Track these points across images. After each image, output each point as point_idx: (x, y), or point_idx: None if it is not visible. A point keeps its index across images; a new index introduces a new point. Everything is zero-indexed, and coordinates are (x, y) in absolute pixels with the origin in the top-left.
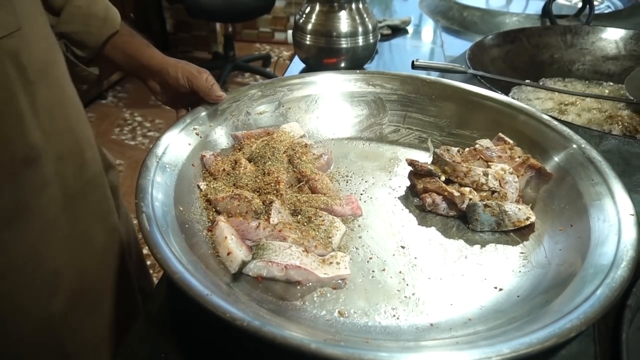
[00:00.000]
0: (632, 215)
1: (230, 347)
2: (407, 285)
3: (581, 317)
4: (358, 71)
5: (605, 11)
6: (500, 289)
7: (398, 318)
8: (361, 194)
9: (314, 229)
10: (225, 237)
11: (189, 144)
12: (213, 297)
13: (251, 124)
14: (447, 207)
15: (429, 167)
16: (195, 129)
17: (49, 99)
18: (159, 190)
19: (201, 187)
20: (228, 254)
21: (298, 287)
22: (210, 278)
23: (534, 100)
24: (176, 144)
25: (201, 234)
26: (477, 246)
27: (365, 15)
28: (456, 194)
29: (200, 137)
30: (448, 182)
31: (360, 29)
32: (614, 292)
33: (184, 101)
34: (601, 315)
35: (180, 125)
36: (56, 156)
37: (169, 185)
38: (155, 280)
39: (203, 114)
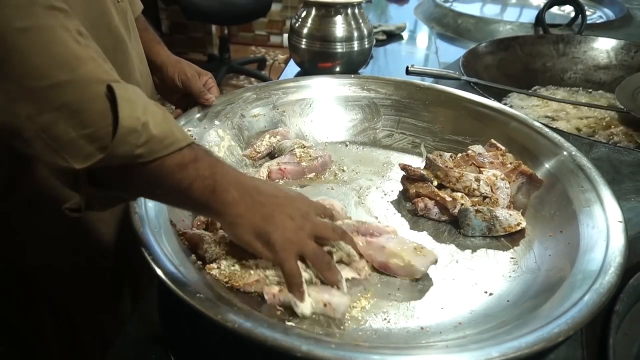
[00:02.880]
0: (621, 222)
1: (222, 349)
2: (398, 289)
3: (569, 322)
4: (353, 76)
5: (597, 21)
6: (491, 294)
7: (389, 322)
8: (354, 198)
9: None
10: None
11: None
12: (204, 298)
13: (245, 127)
14: (439, 211)
15: (422, 172)
16: (189, 130)
17: (139, 47)
18: None
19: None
20: (325, 305)
21: None
22: (202, 280)
23: (526, 108)
24: None
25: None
26: (468, 251)
27: (360, 21)
28: (448, 199)
29: (195, 139)
30: (440, 187)
31: (355, 34)
32: (602, 297)
33: (182, 99)
34: (589, 321)
35: None
36: (144, 93)
37: None
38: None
39: (197, 115)
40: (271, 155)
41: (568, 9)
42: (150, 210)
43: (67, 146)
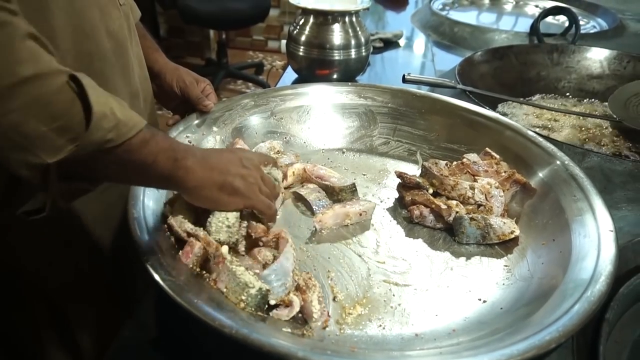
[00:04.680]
0: (612, 231)
1: (220, 354)
2: (394, 295)
3: (561, 330)
4: (350, 83)
5: (591, 31)
6: (484, 301)
7: (384, 328)
8: None
9: None
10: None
11: None
12: (202, 304)
13: (242, 133)
14: (434, 219)
15: (418, 179)
16: (187, 136)
17: (139, 52)
18: (150, 197)
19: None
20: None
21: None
22: (199, 285)
23: (521, 116)
24: None
25: None
26: (463, 258)
27: (358, 29)
28: (443, 206)
29: (193, 145)
30: (436, 194)
31: (353, 42)
32: (593, 306)
33: (180, 106)
34: (580, 328)
35: (173, 133)
36: (143, 97)
37: (161, 192)
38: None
39: (195, 122)
40: None
41: (562, 19)
42: (148, 217)
43: (38, 141)
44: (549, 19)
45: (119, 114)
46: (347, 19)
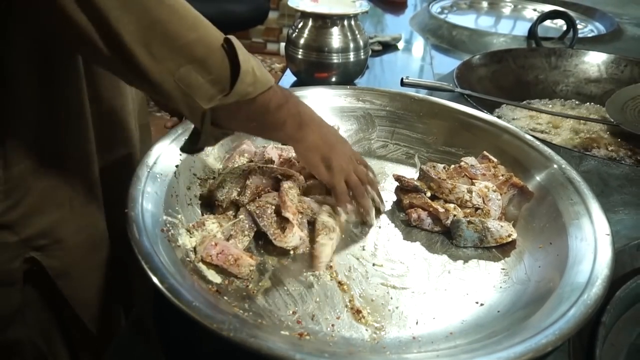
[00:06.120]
0: (608, 235)
1: (218, 356)
2: (391, 298)
3: (557, 333)
4: (348, 87)
5: (589, 35)
6: (482, 304)
7: (382, 331)
8: None
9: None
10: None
11: (180, 155)
12: (200, 306)
13: (242, 136)
14: (432, 222)
15: (415, 183)
16: (185, 139)
17: None
18: (149, 200)
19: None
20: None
21: (285, 298)
22: (198, 288)
23: (518, 120)
24: (167, 155)
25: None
26: (460, 261)
27: (356, 32)
28: (441, 210)
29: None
30: (433, 198)
31: (351, 45)
32: (589, 309)
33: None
34: (576, 332)
35: (172, 136)
36: (133, 95)
37: (159, 195)
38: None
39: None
40: None
41: (560, 23)
42: (147, 220)
43: (197, 90)
44: (547, 22)
45: (258, 73)
46: (345, 22)
